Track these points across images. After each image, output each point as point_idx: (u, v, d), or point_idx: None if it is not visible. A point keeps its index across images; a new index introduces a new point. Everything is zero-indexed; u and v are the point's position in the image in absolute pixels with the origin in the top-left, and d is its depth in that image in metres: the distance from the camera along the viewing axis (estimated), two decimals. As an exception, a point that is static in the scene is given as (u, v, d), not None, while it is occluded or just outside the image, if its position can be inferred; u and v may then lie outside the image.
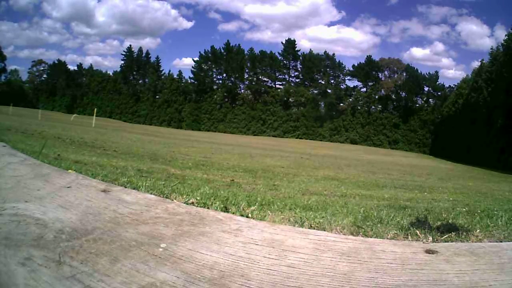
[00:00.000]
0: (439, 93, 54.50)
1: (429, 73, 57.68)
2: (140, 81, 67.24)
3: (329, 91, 59.58)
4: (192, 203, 1.90)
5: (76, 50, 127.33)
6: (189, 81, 63.96)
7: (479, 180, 12.84)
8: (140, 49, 68.62)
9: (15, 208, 1.36)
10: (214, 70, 63.81)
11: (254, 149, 19.97)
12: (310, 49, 71.53)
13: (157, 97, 63.88)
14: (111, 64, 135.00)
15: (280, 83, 62.72)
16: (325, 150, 31.39)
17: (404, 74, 57.72)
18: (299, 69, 62.36)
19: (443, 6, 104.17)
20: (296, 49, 62.40)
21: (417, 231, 1.69)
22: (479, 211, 3.48)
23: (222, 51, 62.99)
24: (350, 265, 1.07)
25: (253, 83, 61.84)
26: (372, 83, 58.94)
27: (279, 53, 62.33)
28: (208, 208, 1.81)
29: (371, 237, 1.58)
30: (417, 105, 56.12)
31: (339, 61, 61.72)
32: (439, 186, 8.65)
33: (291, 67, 62.84)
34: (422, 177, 11.38)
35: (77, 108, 64.27)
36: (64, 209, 1.41)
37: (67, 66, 71.62)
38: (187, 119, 60.81)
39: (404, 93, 56.82)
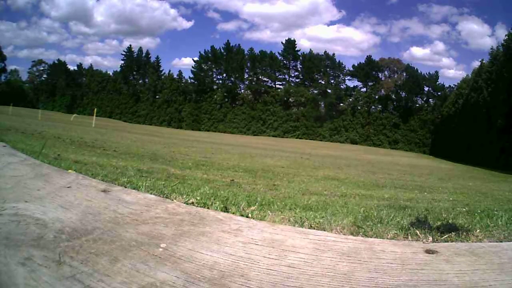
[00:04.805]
0: (439, 93, 54.48)
1: (429, 73, 57.79)
2: (140, 81, 67.24)
3: (329, 91, 59.58)
4: (192, 203, 1.90)
5: (75, 50, 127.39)
6: (189, 81, 64.00)
7: (479, 180, 12.85)
8: (140, 49, 68.74)
9: (15, 208, 1.36)
10: (214, 70, 63.82)
11: (254, 149, 19.97)
12: (310, 49, 71.63)
13: (157, 97, 63.87)
14: (111, 64, 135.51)
15: (280, 83, 62.80)
16: (325, 150, 31.39)
17: (404, 74, 57.73)
18: (299, 69, 62.39)
19: (444, 5, 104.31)
20: (296, 49, 62.47)
21: (417, 231, 1.69)
22: (479, 211, 3.48)
23: (222, 51, 63.01)
24: (350, 265, 1.07)
25: (253, 83, 61.84)
26: (372, 83, 58.94)
27: (279, 53, 62.46)
28: (208, 208, 1.81)
29: (371, 237, 1.58)
30: (417, 105, 56.12)
31: (339, 61, 61.83)
32: (439, 186, 8.65)
33: (291, 67, 62.86)
34: (422, 177, 11.38)
35: (77, 108, 64.28)
36: (64, 209, 1.41)
37: (67, 66, 71.80)
38: (187, 119, 60.80)
39: (404, 93, 56.82)
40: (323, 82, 60.75)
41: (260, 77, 62.13)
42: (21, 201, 1.45)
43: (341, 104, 59.17)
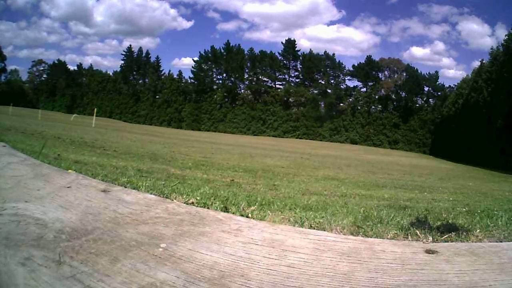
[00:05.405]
0: (439, 93, 54.48)
1: (429, 73, 57.81)
2: (140, 81, 67.27)
3: (329, 91, 59.60)
4: (192, 203, 1.90)
5: (75, 50, 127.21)
6: (189, 81, 64.02)
7: (479, 180, 12.84)
8: (140, 49, 68.82)
9: (15, 208, 1.36)
10: (214, 70, 63.84)
11: (254, 149, 19.97)
12: (310, 49, 71.66)
13: (157, 97, 63.91)
14: (111, 64, 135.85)
15: (280, 83, 62.82)
16: (325, 150, 31.39)
17: (404, 74, 57.74)
18: (299, 69, 62.40)
19: (444, 5, 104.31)
20: (296, 49, 62.51)
21: (417, 231, 1.69)
22: (479, 211, 3.47)
23: (222, 51, 63.03)
24: (350, 265, 1.07)
25: (253, 83, 61.86)
26: (372, 83, 58.95)
27: (279, 53, 62.49)
28: (208, 208, 1.81)
29: (371, 237, 1.58)
30: (417, 105, 56.13)
31: (339, 61, 61.84)
32: (439, 186, 8.65)
33: (291, 67, 62.88)
34: (422, 177, 11.38)
35: (77, 108, 64.31)
36: (64, 209, 1.41)
37: (67, 66, 71.82)
38: (187, 119, 60.83)
39: (404, 93, 56.83)
40: (323, 82, 60.76)
41: (260, 77, 62.14)
42: (21, 201, 1.45)
43: (341, 104, 59.18)
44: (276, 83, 62.81)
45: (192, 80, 63.79)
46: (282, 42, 65.18)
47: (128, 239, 1.17)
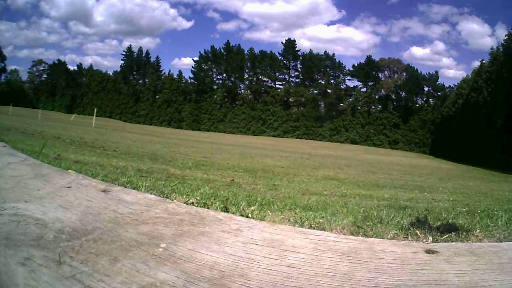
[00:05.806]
0: (439, 93, 54.49)
1: (429, 73, 57.80)
2: (140, 81, 67.26)
3: (329, 91, 59.60)
4: (192, 203, 1.90)
5: (75, 50, 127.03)
6: (189, 81, 64.02)
7: (479, 180, 12.84)
8: (140, 49, 68.78)
9: (15, 208, 1.36)
10: (214, 70, 63.84)
11: (254, 149, 19.97)
12: (310, 49, 71.71)
13: (157, 97, 63.89)
14: (111, 64, 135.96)
15: (280, 83, 62.79)
16: (325, 150, 31.38)
17: (404, 74, 57.74)
18: (299, 69, 62.39)
19: (444, 5, 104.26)
20: (296, 49, 62.49)
21: (417, 231, 1.69)
22: (479, 211, 3.47)
23: (222, 51, 63.02)
24: (350, 265, 1.07)
25: (253, 83, 61.85)
26: (372, 83, 58.94)
27: (279, 53, 62.47)
28: (208, 208, 1.81)
29: (371, 237, 1.58)
30: (417, 105, 56.13)
31: (339, 61, 61.79)
32: (439, 186, 8.64)
33: (291, 67, 62.86)
34: (422, 177, 11.38)
35: (77, 108, 64.28)
36: (64, 209, 1.41)
37: (67, 66, 71.81)
38: (187, 119, 60.82)
39: (404, 93, 56.84)
40: (323, 82, 60.75)
41: (260, 77, 62.14)
42: (21, 201, 1.45)
43: (341, 104, 59.18)
44: (276, 83, 62.87)
45: (192, 80, 63.82)
46: (282, 42, 65.30)
47: (128, 239, 1.17)
